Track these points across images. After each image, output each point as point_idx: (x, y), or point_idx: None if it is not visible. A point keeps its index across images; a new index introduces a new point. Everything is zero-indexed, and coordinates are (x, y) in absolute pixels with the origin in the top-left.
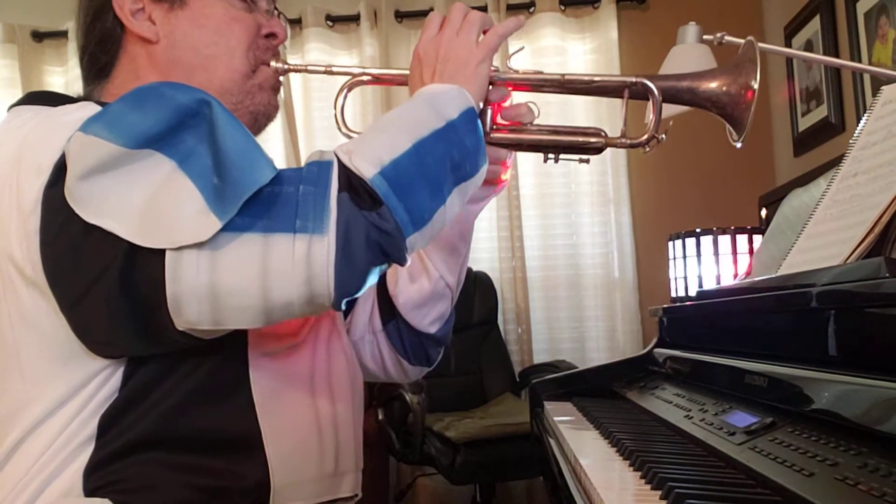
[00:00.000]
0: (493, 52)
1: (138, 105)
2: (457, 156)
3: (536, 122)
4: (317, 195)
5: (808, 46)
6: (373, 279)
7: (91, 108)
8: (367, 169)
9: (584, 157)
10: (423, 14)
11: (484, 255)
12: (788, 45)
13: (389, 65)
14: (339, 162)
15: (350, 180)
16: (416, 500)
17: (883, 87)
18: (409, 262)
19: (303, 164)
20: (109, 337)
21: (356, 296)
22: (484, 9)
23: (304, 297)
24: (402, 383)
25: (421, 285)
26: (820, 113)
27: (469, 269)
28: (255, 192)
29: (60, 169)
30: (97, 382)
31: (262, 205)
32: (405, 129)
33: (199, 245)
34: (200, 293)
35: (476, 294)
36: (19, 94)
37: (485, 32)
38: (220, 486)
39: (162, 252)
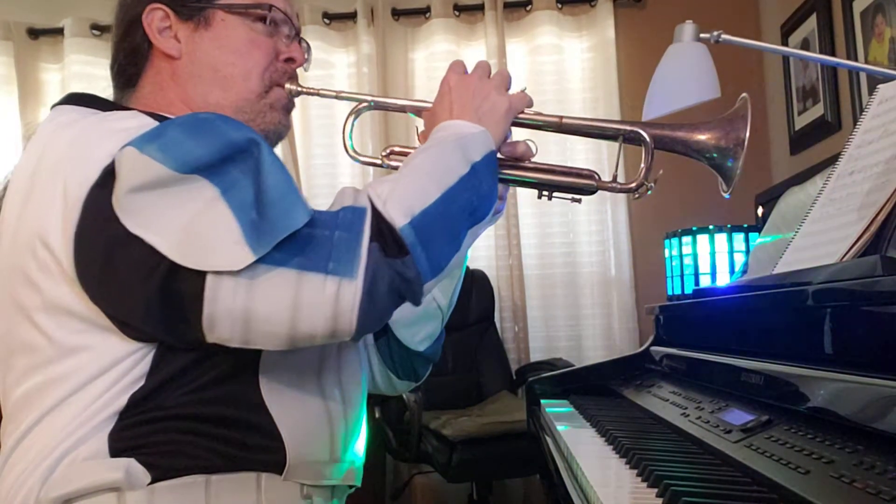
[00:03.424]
0: (519, 111)
1: (193, 134)
2: (475, 201)
3: (534, 159)
4: (350, 241)
5: (805, 45)
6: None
7: (141, 119)
8: (398, 219)
9: (577, 196)
10: (420, 12)
11: (481, 252)
12: (785, 43)
13: (386, 63)
14: (373, 207)
15: (381, 229)
16: (413, 497)
17: (879, 86)
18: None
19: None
20: (141, 328)
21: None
22: (481, 7)
23: (327, 331)
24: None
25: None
26: (816, 111)
27: (466, 268)
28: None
29: (108, 174)
30: (127, 364)
31: (299, 244)
32: (435, 175)
33: (236, 272)
34: (235, 316)
35: (473, 292)
36: (15, 92)
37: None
38: (239, 455)
39: (203, 272)
